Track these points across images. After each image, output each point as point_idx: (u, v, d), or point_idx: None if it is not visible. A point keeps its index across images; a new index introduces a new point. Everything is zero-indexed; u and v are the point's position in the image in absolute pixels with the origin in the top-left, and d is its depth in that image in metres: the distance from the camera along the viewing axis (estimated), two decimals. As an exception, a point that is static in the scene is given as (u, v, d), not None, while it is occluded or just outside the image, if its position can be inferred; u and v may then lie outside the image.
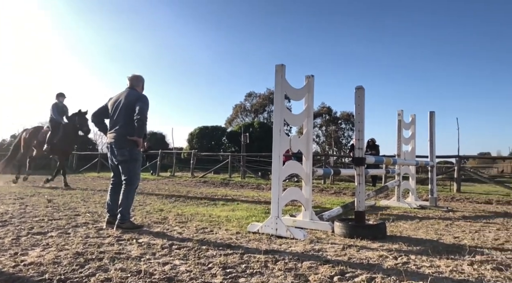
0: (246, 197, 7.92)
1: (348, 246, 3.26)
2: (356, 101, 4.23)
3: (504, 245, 3.42)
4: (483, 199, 8.23)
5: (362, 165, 4.09)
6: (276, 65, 3.98)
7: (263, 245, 3.24)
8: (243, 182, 12.55)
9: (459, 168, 11.02)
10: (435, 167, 7.19)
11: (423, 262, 2.76)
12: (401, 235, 3.87)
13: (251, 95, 42.51)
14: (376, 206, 6.55)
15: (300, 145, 4.30)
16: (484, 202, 7.93)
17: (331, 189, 10.69)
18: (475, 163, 34.65)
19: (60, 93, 9.51)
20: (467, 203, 7.89)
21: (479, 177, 13.31)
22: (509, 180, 21.74)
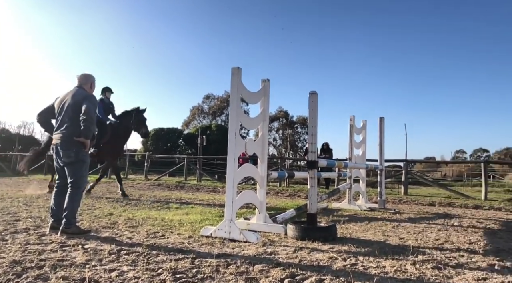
0: (201, 200, 7.82)
1: (300, 249, 3.31)
2: (310, 106, 4.33)
3: (444, 244, 3.63)
4: (427, 201, 8.70)
5: (314, 168, 4.18)
6: (233, 67, 3.98)
7: (215, 249, 3.21)
8: (198, 185, 12.40)
9: (407, 172, 11.60)
10: (384, 170, 7.51)
11: (370, 263, 2.86)
12: (350, 236, 3.99)
13: (209, 97, 42.27)
14: (328, 209, 6.72)
15: (256, 148, 4.32)
16: (428, 204, 8.40)
17: (286, 191, 10.84)
18: (421, 167, 36.68)
19: (107, 88, 8.15)
20: (413, 205, 8.31)
21: (424, 181, 14.10)
22: (451, 183, 23.25)
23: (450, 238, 4.00)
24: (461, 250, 3.37)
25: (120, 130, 8.01)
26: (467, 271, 2.67)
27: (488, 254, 3.20)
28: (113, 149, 7.99)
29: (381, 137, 7.43)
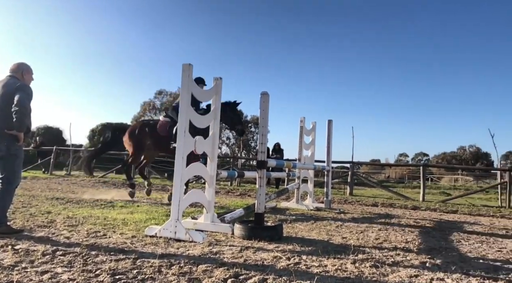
0: (149, 198, 7.61)
1: (246, 248, 3.32)
2: (261, 106, 4.36)
3: (383, 244, 3.81)
4: (370, 202, 9.11)
5: (263, 168, 4.22)
6: (183, 64, 3.90)
7: (159, 249, 3.13)
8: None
9: (352, 173, 12.06)
10: (331, 171, 7.75)
11: (313, 262, 2.93)
12: (296, 236, 4.07)
13: (162, 93, 41.26)
14: (277, 208, 6.82)
15: (206, 146, 4.27)
16: (371, 205, 8.78)
17: (237, 190, 10.86)
18: (367, 169, 38.39)
19: (200, 79, 7.12)
20: (357, 205, 8.65)
21: (368, 182, 14.75)
22: (394, 184, 24.52)
23: (389, 237, 4.21)
24: (398, 249, 3.56)
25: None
26: (401, 268, 2.82)
27: (421, 253, 3.41)
28: None
29: (329, 139, 7.66)
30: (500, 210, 8.64)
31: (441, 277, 2.63)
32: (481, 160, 61.11)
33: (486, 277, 2.66)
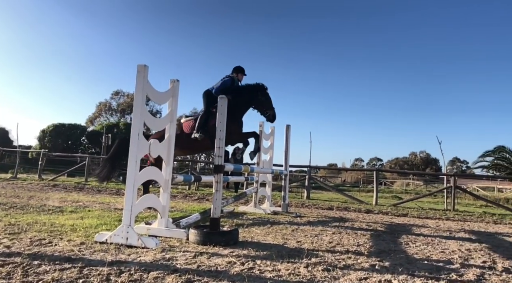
0: (102, 203, 7.32)
1: (200, 254, 3.27)
2: (219, 110, 4.34)
3: (336, 247, 3.91)
4: (326, 206, 9.32)
5: (220, 172, 4.19)
6: (138, 65, 3.80)
7: (109, 256, 3.01)
8: (101, 187, 11.60)
9: (309, 177, 12.29)
10: (288, 175, 7.85)
11: (267, 266, 2.94)
12: (252, 240, 4.07)
13: (119, 93, 40.04)
14: (234, 212, 6.80)
15: (161, 150, 4.18)
16: (327, 208, 8.99)
17: (195, 195, 10.72)
18: (324, 173, 39.30)
19: (241, 68, 6.62)
20: (313, 209, 8.82)
21: (324, 186, 15.08)
22: (349, 188, 25.25)
23: (342, 241, 4.32)
24: (349, 252, 3.66)
25: (235, 107, 6.23)
26: (352, 271, 2.90)
27: (371, 255, 3.52)
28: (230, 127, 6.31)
29: (287, 144, 7.76)
30: (445, 213, 9.15)
31: (389, 279, 2.73)
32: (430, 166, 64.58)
33: (429, 277, 2.80)
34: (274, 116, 6.40)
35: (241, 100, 6.31)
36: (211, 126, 5.92)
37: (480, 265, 3.33)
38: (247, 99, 6.35)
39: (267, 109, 6.31)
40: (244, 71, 6.64)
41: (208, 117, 6.09)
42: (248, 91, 6.35)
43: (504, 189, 27.76)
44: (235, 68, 6.63)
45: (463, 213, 9.39)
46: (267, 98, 6.38)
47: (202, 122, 6.07)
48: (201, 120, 6.09)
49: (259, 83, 6.39)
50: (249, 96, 6.37)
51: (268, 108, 6.31)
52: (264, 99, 6.33)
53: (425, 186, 31.09)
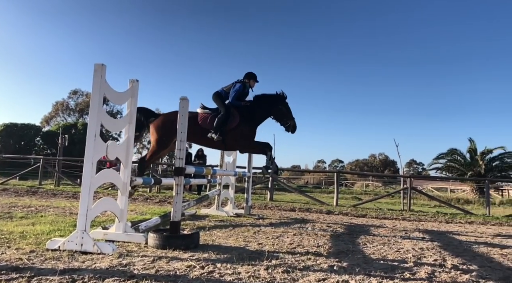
0: (56, 207, 6.99)
1: (159, 258, 3.19)
2: (180, 111, 4.28)
3: (296, 248, 3.95)
4: (289, 207, 9.42)
5: (181, 175, 4.12)
6: (96, 64, 3.66)
7: (61, 264, 2.87)
8: (56, 190, 11.10)
9: (273, 179, 12.38)
10: (251, 177, 7.86)
11: (227, 269, 2.92)
12: (213, 243, 4.03)
13: (77, 92, 38.50)
14: (196, 215, 6.71)
15: (119, 152, 4.05)
16: (289, 210, 9.09)
17: (156, 197, 10.49)
18: (288, 174, 39.75)
19: (253, 75, 6.49)
20: (276, 210, 8.88)
21: (287, 187, 15.26)
22: (311, 189, 25.69)
23: (302, 242, 4.37)
24: (309, 253, 3.71)
25: (253, 114, 6.21)
26: (311, 273, 2.94)
27: (330, 256, 3.59)
28: (244, 134, 6.15)
29: (250, 146, 7.75)
30: (402, 213, 9.53)
31: (346, 279, 2.79)
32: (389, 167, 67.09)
33: (385, 277, 2.89)
34: (295, 126, 6.28)
35: (260, 109, 6.25)
36: (230, 129, 5.95)
37: (432, 263, 3.48)
38: (267, 109, 6.26)
39: (288, 119, 6.19)
40: (257, 78, 6.55)
41: (227, 118, 5.98)
42: (268, 101, 6.26)
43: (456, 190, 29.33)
44: (247, 74, 6.52)
45: (418, 213, 9.82)
46: (287, 108, 6.26)
47: (220, 123, 5.91)
48: (220, 121, 5.93)
49: (279, 92, 6.30)
50: (269, 106, 6.29)
51: (288, 118, 6.20)
52: (284, 109, 6.21)
53: (383, 187, 32.25)
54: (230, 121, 5.96)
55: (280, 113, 6.20)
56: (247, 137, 6.18)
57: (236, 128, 6.01)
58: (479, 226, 7.75)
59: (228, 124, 5.97)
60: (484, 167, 23.32)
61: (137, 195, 11.02)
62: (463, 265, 3.44)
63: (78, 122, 31.55)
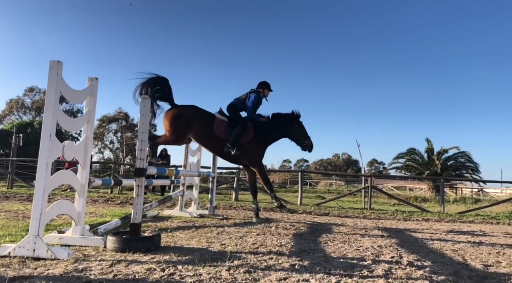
0: (8, 211, 6.62)
1: (118, 262, 3.10)
2: (141, 111, 4.17)
3: (259, 248, 3.96)
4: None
5: (142, 176, 4.02)
6: (51, 61, 3.50)
7: (10, 271, 2.72)
8: (9, 193, 10.53)
9: (238, 179, 12.38)
10: (216, 177, 7.82)
11: (188, 271, 2.88)
12: (175, 245, 3.97)
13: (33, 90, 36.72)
14: (159, 216, 6.58)
15: (77, 152, 3.89)
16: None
17: (118, 199, 10.19)
18: (254, 174, 39.84)
19: (267, 84, 6.43)
20: (241, 210, 8.89)
21: (253, 187, 15.26)
22: (276, 188, 25.89)
23: (265, 241, 4.40)
24: (272, 252, 3.73)
25: (268, 132, 6.34)
26: (273, 272, 2.96)
27: (292, 255, 3.63)
28: (258, 150, 6.31)
29: (215, 146, 7.71)
30: (363, 212, 9.81)
31: (307, 278, 2.83)
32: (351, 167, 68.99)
33: (344, 275, 2.96)
34: (312, 145, 6.41)
35: (275, 129, 6.34)
36: (245, 143, 6.06)
37: (389, 260, 3.61)
38: (282, 129, 6.37)
39: (305, 138, 6.33)
40: (270, 87, 6.53)
41: (242, 132, 6.04)
42: (284, 120, 6.35)
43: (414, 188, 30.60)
44: (261, 84, 6.52)
45: (378, 212, 10.15)
46: (302, 127, 6.37)
47: (237, 136, 5.98)
48: (236, 134, 5.98)
49: (294, 111, 6.40)
50: (284, 126, 6.35)
51: (305, 137, 6.32)
52: (300, 129, 6.32)
53: (346, 186, 33.07)
54: (244, 135, 6.06)
55: (296, 133, 6.34)
56: (256, 154, 6.33)
57: (249, 143, 6.12)
58: (435, 223, 8.13)
59: (244, 137, 6.08)
60: (440, 166, 24.51)
61: (98, 196, 10.67)
62: (418, 262, 3.59)
63: (35, 121, 30.09)
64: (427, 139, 26.37)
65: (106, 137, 43.37)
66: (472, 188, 31.22)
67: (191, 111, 6.09)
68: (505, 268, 3.52)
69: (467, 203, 17.45)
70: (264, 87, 6.46)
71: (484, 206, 12.79)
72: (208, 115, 6.24)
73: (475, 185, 30.59)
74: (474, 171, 25.16)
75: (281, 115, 6.41)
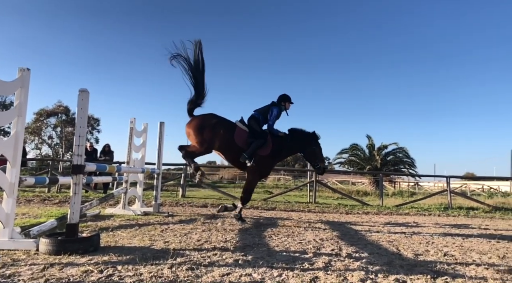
0: None
1: (51, 265, 2.92)
2: (79, 104, 3.95)
3: (203, 245, 3.94)
4: (201, 203, 9.38)
5: (80, 173, 3.82)
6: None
7: None
8: None
9: (185, 175, 12.20)
10: (161, 174, 7.64)
11: (128, 271, 2.79)
12: (115, 245, 3.82)
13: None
14: (100, 215, 6.30)
15: (5, 148, 3.61)
16: (201, 206, 9.04)
17: (56, 198, 9.61)
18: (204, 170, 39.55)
19: (289, 97, 6.41)
20: (188, 207, 8.77)
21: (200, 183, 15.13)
22: (225, 185, 25.92)
23: (211, 238, 4.38)
24: (216, 248, 3.73)
25: (285, 147, 6.26)
26: (216, 268, 2.96)
27: (236, 251, 3.65)
28: (267, 166, 6.30)
29: (160, 141, 7.54)
30: (308, 206, 10.11)
31: (249, 272, 2.86)
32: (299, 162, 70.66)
33: (286, 268, 3.03)
34: (325, 169, 6.44)
35: (293, 144, 6.31)
36: (263, 156, 6.07)
37: (329, 253, 3.75)
38: (300, 146, 6.36)
39: (320, 161, 6.35)
40: (291, 100, 6.47)
41: (262, 145, 6.06)
42: (303, 138, 6.35)
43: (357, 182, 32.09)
44: (283, 97, 6.48)
45: (322, 205, 10.52)
46: (320, 149, 6.37)
47: (255, 149, 5.99)
48: (255, 147, 5.99)
49: (315, 132, 6.40)
50: (302, 143, 6.34)
51: (320, 160, 6.35)
52: (318, 150, 6.33)
53: (293, 180, 33.87)
54: (263, 148, 6.11)
55: (313, 154, 6.34)
56: (267, 168, 6.41)
57: (264, 157, 6.12)
58: (374, 216, 8.59)
59: (263, 150, 6.11)
60: (380, 162, 25.87)
61: (33, 196, 10.00)
62: (356, 253, 3.77)
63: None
64: (368, 135, 27.69)
65: (44, 132, 40.73)
66: (409, 182, 33.41)
67: (213, 118, 6.13)
68: (433, 256, 3.81)
69: (404, 196, 18.63)
70: (286, 100, 6.47)
71: (418, 199, 13.73)
72: (230, 123, 6.28)
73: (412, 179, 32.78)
74: (411, 166, 26.82)
75: (301, 132, 6.44)
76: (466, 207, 11.61)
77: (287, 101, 6.45)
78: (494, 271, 3.22)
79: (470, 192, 28.00)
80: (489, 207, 11.76)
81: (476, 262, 3.58)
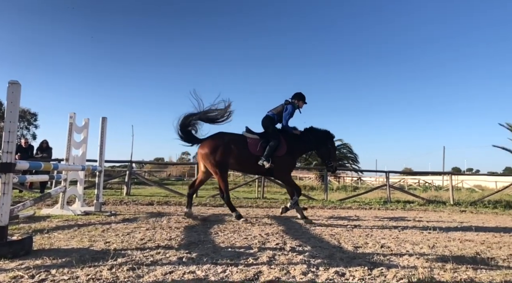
0: None
1: (-25, 272, 2.69)
2: (9, 98, 3.66)
3: (147, 244, 3.83)
4: (147, 201, 9.11)
5: (10, 172, 3.54)
6: None
7: None
8: None
9: (130, 173, 11.80)
10: (103, 172, 7.33)
11: (63, 275, 2.64)
12: (50, 247, 3.60)
13: None
14: (35, 216, 5.90)
15: None
16: (147, 204, 8.80)
17: None
18: (150, 167, 38.51)
19: (303, 96, 6.47)
20: (132, 205, 8.49)
21: (146, 181, 14.75)
22: (173, 182, 25.44)
23: (155, 236, 4.27)
24: (160, 247, 3.65)
25: (300, 145, 6.32)
26: (159, 267, 2.89)
27: (181, 248, 3.60)
28: (290, 164, 6.29)
29: (102, 138, 7.21)
30: (256, 201, 10.21)
31: (193, 270, 2.83)
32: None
33: (230, 263, 3.04)
34: (337, 168, 6.52)
35: (308, 143, 6.36)
36: (280, 156, 6.06)
37: (274, 247, 3.82)
38: (314, 144, 6.40)
39: (333, 160, 6.40)
40: (305, 99, 6.49)
41: (278, 146, 6.06)
42: (318, 136, 6.39)
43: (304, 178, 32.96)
44: (297, 95, 6.45)
45: (270, 200, 10.68)
46: (334, 148, 6.48)
47: (271, 150, 5.99)
48: (272, 149, 6.00)
49: (329, 131, 6.46)
50: (317, 142, 6.39)
51: (334, 159, 6.41)
52: (332, 149, 6.41)
53: (243, 176, 34.01)
54: (279, 149, 6.11)
55: (328, 152, 6.42)
56: (289, 167, 6.36)
57: (282, 157, 6.11)
58: (318, 210, 8.88)
59: (279, 150, 6.12)
60: (326, 157, 26.74)
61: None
62: (299, 247, 3.87)
63: None
64: (315, 132, 28.49)
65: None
66: (352, 177, 34.92)
67: (222, 138, 6.15)
68: (371, 248, 4.01)
69: (348, 191, 19.44)
70: (300, 98, 6.48)
71: (360, 193, 14.39)
72: (239, 137, 6.30)
73: (355, 174, 34.31)
74: (354, 161, 28.00)
75: (316, 131, 6.48)
76: (403, 201, 12.36)
77: (301, 100, 6.50)
78: (424, 260, 3.46)
79: (407, 186, 29.88)
80: (423, 200, 12.62)
81: (409, 253, 3.82)
